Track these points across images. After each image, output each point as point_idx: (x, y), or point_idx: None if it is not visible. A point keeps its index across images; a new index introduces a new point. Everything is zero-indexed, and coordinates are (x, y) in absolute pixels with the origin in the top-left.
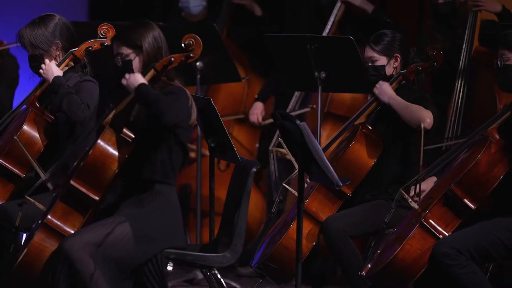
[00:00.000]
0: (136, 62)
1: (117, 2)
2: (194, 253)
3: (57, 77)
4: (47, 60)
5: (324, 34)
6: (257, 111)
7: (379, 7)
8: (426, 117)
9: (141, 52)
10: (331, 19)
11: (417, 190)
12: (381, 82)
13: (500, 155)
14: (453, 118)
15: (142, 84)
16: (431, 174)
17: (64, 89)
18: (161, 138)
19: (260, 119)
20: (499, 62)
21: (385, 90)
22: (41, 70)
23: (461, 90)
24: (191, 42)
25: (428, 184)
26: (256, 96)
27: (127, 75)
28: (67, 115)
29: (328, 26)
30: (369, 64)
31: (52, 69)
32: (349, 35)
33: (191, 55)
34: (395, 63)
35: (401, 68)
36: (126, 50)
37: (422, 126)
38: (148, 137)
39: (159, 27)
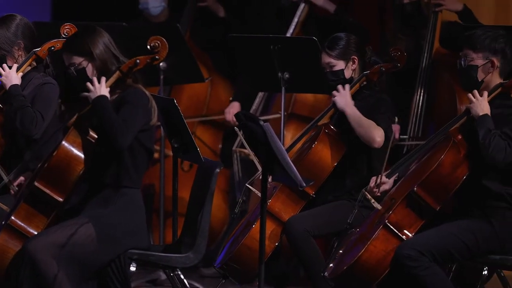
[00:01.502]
0: (89, 69)
1: (80, 2)
2: (157, 253)
3: (13, 86)
4: (5, 65)
5: (288, 35)
6: (234, 111)
7: (341, 7)
8: (376, 137)
9: (92, 58)
10: (295, 20)
11: (378, 181)
12: (341, 88)
13: (463, 156)
14: (414, 119)
15: (99, 98)
16: (394, 174)
17: (18, 101)
18: None
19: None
20: (462, 62)
21: (343, 97)
22: (2, 78)
23: (422, 90)
24: (157, 44)
25: (389, 182)
26: (230, 98)
27: (91, 87)
28: (20, 130)
29: (292, 27)
30: (328, 69)
31: (12, 76)
32: (312, 35)
33: (156, 57)
34: (353, 65)
35: (360, 69)
36: (77, 59)
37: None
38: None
39: (122, 28)
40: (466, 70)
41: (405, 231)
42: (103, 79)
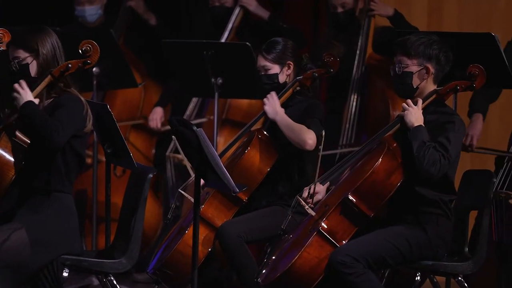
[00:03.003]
0: (33, 66)
1: (14, 7)
2: (90, 259)
3: None
4: None
5: (222, 40)
6: (157, 116)
7: (275, 14)
8: (308, 139)
9: (38, 56)
10: (229, 25)
11: (311, 191)
12: (270, 97)
13: (397, 163)
14: (347, 125)
15: (28, 103)
16: (327, 181)
17: None
18: None
19: (159, 124)
20: (397, 69)
21: (273, 106)
22: None
23: (355, 97)
24: (88, 48)
25: (322, 191)
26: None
27: (19, 89)
28: None
29: (226, 33)
30: (262, 73)
31: None
32: (246, 41)
33: (88, 61)
34: (288, 70)
35: (295, 75)
36: (23, 54)
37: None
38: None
39: (56, 33)
40: (401, 77)
41: (338, 237)
42: (23, 82)
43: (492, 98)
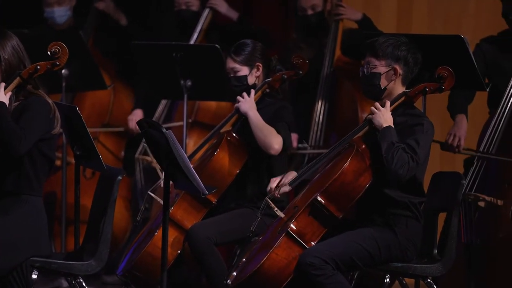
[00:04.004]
0: None
1: None
2: (59, 261)
3: None
4: None
5: (191, 42)
6: (137, 118)
7: (244, 15)
8: (274, 144)
9: (0, 61)
10: (198, 27)
11: (280, 182)
12: (245, 95)
13: (366, 165)
14: (316, 127)
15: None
16: (297, 183)
17: None
18: None
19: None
20: (365, 70)
21: (247, 102)
22: None
23: (324, 99)
24: (57, 49)
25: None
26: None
27: None
28: None
29: (195, 35)
30: (232, 75)
31: None
32: (215, 43)
33: (57, 62)
34: (257, 72)
35: (264, 77)
36: None
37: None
38: None
39: (24, 35)
40: (369, 78)
41: (307, 239)
42: (2, 85)
43: (469, 99)
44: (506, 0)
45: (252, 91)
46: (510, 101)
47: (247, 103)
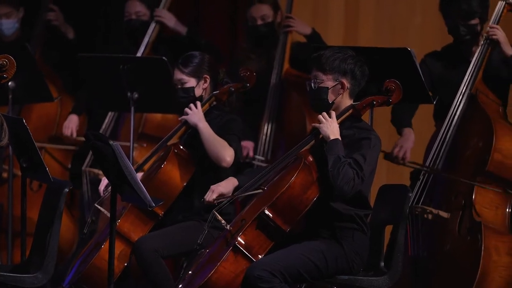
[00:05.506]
0: None
1: None
2: (5, 273)
3: None
4: None
5: (139, 55)
6: (72, 125)
7: (192, 29)
8: (226, 156)
9: None
10: (145, 40)
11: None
12: (192, 106)
13: (313, 178)
14: (264, 139)
15: None
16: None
17: None
18: None
19: (75, 133)
20: (312, 84)
21: (196, 114)
22: None
23: (272, 111)
24: (4, 62)
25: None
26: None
27: None
28: None
29: (142, 47)
30: (179, 86)
31: None
32: (163, 56)
33: (4, 75)
34: (205, 84)
35: (211, 89)
36: None
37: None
38: None
39: None
40: (317, 92)
41: (254, 252)
42: None
43: (412, 113)
44: (448, 17)
45: (199, 103)
46: (456, 115)
47: (196, 115)
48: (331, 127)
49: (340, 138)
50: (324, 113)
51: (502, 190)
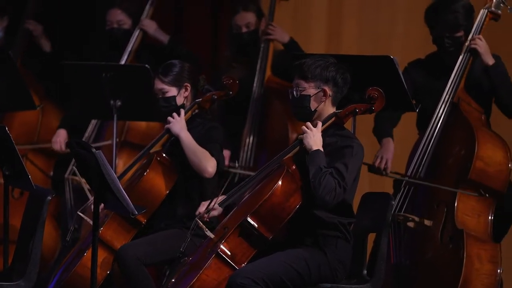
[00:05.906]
0: None
1: None
2: None
3: None
4: None
5: (122, 63)
6: (60, 139)
7: (174, 38)
8: (209, 167)
9: None
10: (128, 48)
11: (210, 206)
12: (175, 115)
13: (296, 185)
14: (246, 147)
15: None
16: (226, 203)
17: None
18: None
19: (64, 147)
20: (294, 93)
21: (178, 123)
22: None
23: (254, 119)
24: None
25: (218, 208)
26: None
27: None
28: None
29: (125, 55)
30: (160, 96)
31: None
32: (145, 63)
33: None
34: (186, 92)
35: (192, 97)
36: None
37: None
38: None
39: None
40: (299, 100)
41: (237, 260)
42: None
43: (394, 123)
44: (432, 28)
45: (182, 111)
46: (439, 124)
47: (178, 124)
48: (314, 138)
49: (322, 149)
50: (308, 123)
51: (483, 198)
